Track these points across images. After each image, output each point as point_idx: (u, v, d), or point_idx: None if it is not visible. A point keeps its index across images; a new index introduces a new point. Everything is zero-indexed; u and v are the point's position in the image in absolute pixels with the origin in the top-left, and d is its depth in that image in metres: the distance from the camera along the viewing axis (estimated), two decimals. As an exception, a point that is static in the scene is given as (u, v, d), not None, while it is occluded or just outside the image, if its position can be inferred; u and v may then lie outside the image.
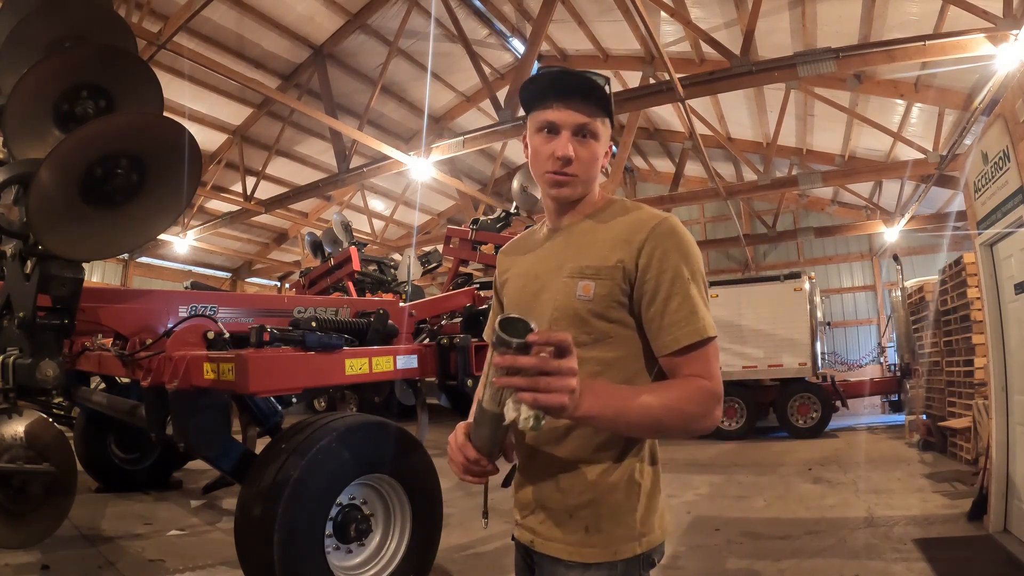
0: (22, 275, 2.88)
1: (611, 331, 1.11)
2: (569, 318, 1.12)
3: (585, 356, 1.07)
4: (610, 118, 1.19)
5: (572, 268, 1.14)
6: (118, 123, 2.80)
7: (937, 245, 12.65)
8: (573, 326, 1.11)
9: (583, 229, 1.20)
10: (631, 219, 1.15)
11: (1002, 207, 3.77)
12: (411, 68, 11.02)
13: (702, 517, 4.82)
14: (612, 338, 1.11)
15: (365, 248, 9.27)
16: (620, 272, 1.10)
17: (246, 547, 2.66)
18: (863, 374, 12.71)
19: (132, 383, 4.28)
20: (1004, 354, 4.01)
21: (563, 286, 1.14)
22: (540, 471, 1.17)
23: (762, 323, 9.55)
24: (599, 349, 1.11)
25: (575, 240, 1.19)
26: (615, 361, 1.11)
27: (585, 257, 1.14)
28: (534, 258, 1.27)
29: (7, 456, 2.97)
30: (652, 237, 1.09)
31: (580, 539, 1.10)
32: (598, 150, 1.17)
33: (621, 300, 1.10)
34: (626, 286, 1.10)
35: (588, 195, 1.22)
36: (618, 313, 1.11)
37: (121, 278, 14.31)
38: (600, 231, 1.16)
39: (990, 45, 5.70)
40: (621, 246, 1.11)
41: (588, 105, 1.14)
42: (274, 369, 2.78)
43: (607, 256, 1.11)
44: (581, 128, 1.14)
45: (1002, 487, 3.92)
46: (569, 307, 1.12)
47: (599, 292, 1.10)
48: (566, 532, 1.11)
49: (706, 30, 7.40)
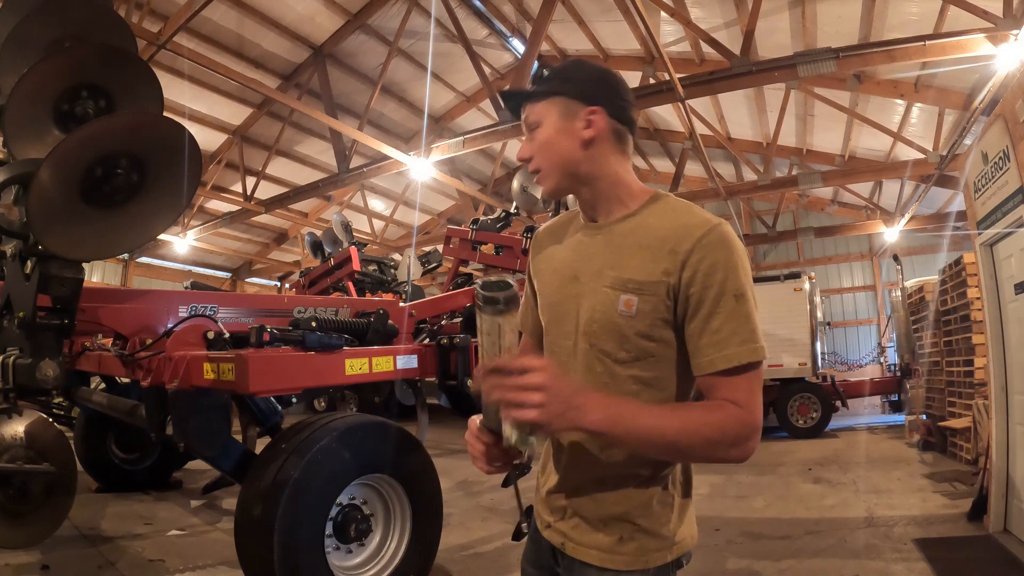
0: (22, 275, 2.88)
1: (653, 350, 1.04)
2: (609, 332, 1.05)
3: (624, 374, 1.05)
4: (562, 92, 1.10)
5: (614, 279, 1.06)
6: (118, 123, 2.80)
7: (937, 245, 12.66)
8: (612, 340, 1.05)
9: (624, 230, 1.09)
10: (678, 224, 1.03)
11: (1002, 207, 3.77)
12: (411, 68, 11.02)
13: (702, 517, 4.78)
14: (653, 357, 1.05)
15: (365, 248, 9.28)
16: (665, 288, 1.01)
17: (246, 547, 2.66)
18: (863, 374, 12.72)
19: (132, 383, 4.28)
20: (1004, 354, 4.00)
21: (604, 297, 1.06)
22: (575, 479, 1.13)
23: (762, 323, 9.32)
24: (639, 368, 1.05)
25: (616, 242, 1.09)
26: (654, 380, 1.06)
27: (627, 267, 1.05)
28: (571, 253, 1.17)
29: (7, 456, 2.97)
30: (699, 248, 0.99)
31: (613, 546, 1.08)
32: (544, 133, 1.10)
33: (666, 317, 1.02)
34: (671, 302, 1.01)
35: (607, 186, 1.11)
36: (661, 331, 1.03)
37: (121, 278, 14.31)
38: (642, 235, 1.06)
39: (990, 45, 5.70)
40: (666, 256, 1.01)
41: (531, 101, 1.13)
42: (274, 369, 2.78)
43: (651, 269, 1.02)
44: (527, 127, 1.13)
45: (1002, 487, 3.92)
46: (610, 321, 1.05)
47: (642, 308, 1.02)
48: (599, 540, 1.09)
49: (706, 30, 7.39)
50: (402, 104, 12.10)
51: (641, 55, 10.59)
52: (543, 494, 1.21)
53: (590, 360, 1.08)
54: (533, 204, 6.62)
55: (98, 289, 3.98)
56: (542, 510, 1.21)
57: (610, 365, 1.06)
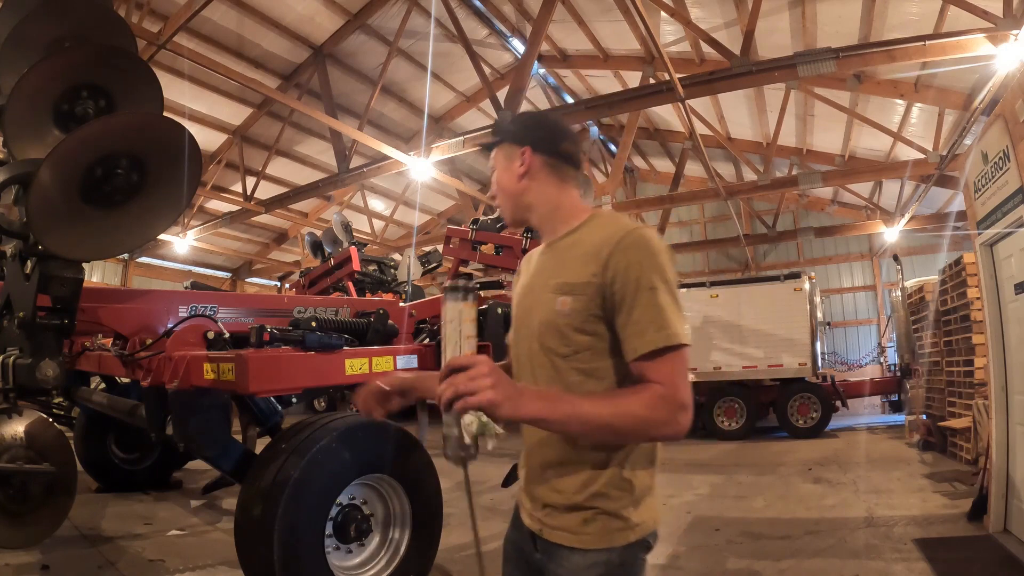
0: (22, 275, 2.88)
1: (588, 343, 1.16)
2: (552, 331, 1.19)
3: (565, 367, 1.18)
4: (503, 140, 1.33)
5: (554, 284, 1.21)
6: (118, 123, 2.80)
7: (937, 245, 12.66)
8: (554, 338, 1.19)
9: (564, 245, 1.26)
10: (604, 233, 1.18)
11: (1002, 207, 3.77)
12: (411, 68, 11.02)
13: (702, 517, 4.82)
14: (590, 350, 1.17)
15: (365, 248, 9.27)
16: (593, 287, 1.14)
17: (246, 547, 2.66)
18: (863, 374, 12.72)
19: (132, 383, 4.28)
20: (1004, 354, 4.00)
21: (547, 301, 1.21)
22: (540, 470, 1.25)
23: (762, 323, 9.55)
24: (579, 360, 1.17)
25: (558, 256, 1.26)
26: (593, 371, 1.17)
27: (564, 273, 1.20)
28: (532, 273, 1.35)
29: (7, 456, 2.97)
30: (618, 250, 1.13)
31: (579, 528, 1.18)
32: (497, 175, 1.33)
33: (596, 314, 1.15)
34: (600, 299, 1.14)
35: (550, 212, 1.30)
36: (594, 326, 1.16)
37: (121, 278, 14.31)
38: (580, 247, 1.21)
39: (990, 45, 5.70)
40: (593, 260, 1.15)
41: (490, 152, 1.36)
42: (274, 369, 2.77)
43: (581, 272, 1.17)
44: (491, 172, 1.37)
45: (1002, 487, 3.92)
46: (551, 321, 1.19)
47: (575, 307, 1.16)
48: (567, 522, 1.20)
49: (706, 30, 7.40)
50: (402, 104, 12.10)
51: (641, 55, 10.59)
52: (523, 484, 1.33)
53: (540, 358, 1.22)
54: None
55: (98, 289, 3.98)
56: (523, 499, 1.32)
57: (554, 359, 1.20)
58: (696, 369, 9.94)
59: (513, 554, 1.37)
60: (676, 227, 16.37)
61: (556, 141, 1.31)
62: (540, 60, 11.69)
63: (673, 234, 15.97)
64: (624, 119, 12.06)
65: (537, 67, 11.85)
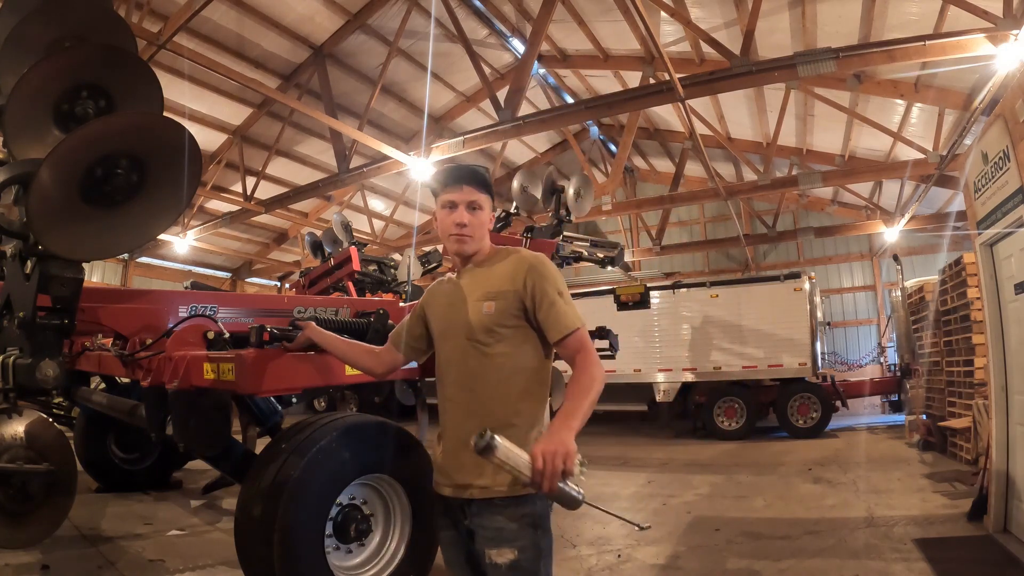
0: (22, 275, 2.87)
1: (507, 334, 1.64)
2: (479, 328, 1.63)
3: (491, 352, 1.62)
4: (491, 195, 1.75)
5: (479, 294, 1.66)
6: (118, 123, 2.79)
7: (937, 245, 12.65)
8: (482, 334, 1.63)
9: (481, 272, 1.73)
10: (514, 260, 1.69)
11: (1002, 207, 3.77)
12: (411, 68, 11.02)
13: (702, 517, 4.82)
14: (508, 338, 1.64)
15: (365, 248, 9.26)
16: (512, 295, 1.63)
17: (246, 547, 2.66)
18: (863, 374, 12.72)
19: (132, 383, 4.28)
20: (1004, 354, 4.00)
21: (473, 307, 1.66)
22: (460, 448, 1.56)
23: (762, 323, 9.55)
24: (500, 346, 1.63)
25: (478, 278, 1.72)
26: (511, 353, 1.63)
27: (486, 287, 1.67)
28: (449, 292, 1.77)
29: (7, 456, 2.97)
30: (530, 272, 1.64)
31: (507, 481, 1.51)
32: (483, 218, 1.73)
33: (515, 313, 1.64)
34: (517, 303, 1.63)
35: (482, 248, 1.75)
36: (512, 321, 1.64)
37: (121, 278, 14.30)
38: (495, 271, 1.70)
39: (990, 45, 5.70)
40: (510, 279, 1.65)
41: (474, 187, 1.70)
42: (274, 369, 2.77)
43: (501, 285, 1.65)
44: (471, 204, 1.70)
45: (1002, 487, 3.92)
46: (479, 321, 1.64)
47: (498, 308, 1.63)
48: (497, 480, 1.53)
49: (706, 30, 7.40)
50: (402, 104, 12.10)
51: (641, 55, 10.59)
52: (440, 466, 1.67)
53: (465, 351, 1.64)
54: (533, 204, 6.61)
55: (98, 289, 3.98)
56: (441, 476, 1.65)
57: (481, 348, 1.63)
58: (696, 369, 9.96)
59: (447, 532, 1.67)
60: (676, 227, 16.37)
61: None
62: (540, 60, 11.68)
63: (673, 234, 15.96)
64: (624, 119, 12.05)
65: (537, 67, 11.84)
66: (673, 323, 10.20)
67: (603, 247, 7.22)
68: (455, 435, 1.62)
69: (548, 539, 1.57)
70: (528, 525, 1.52)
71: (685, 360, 9.99)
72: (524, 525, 1.52)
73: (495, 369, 1.60)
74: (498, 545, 1.51)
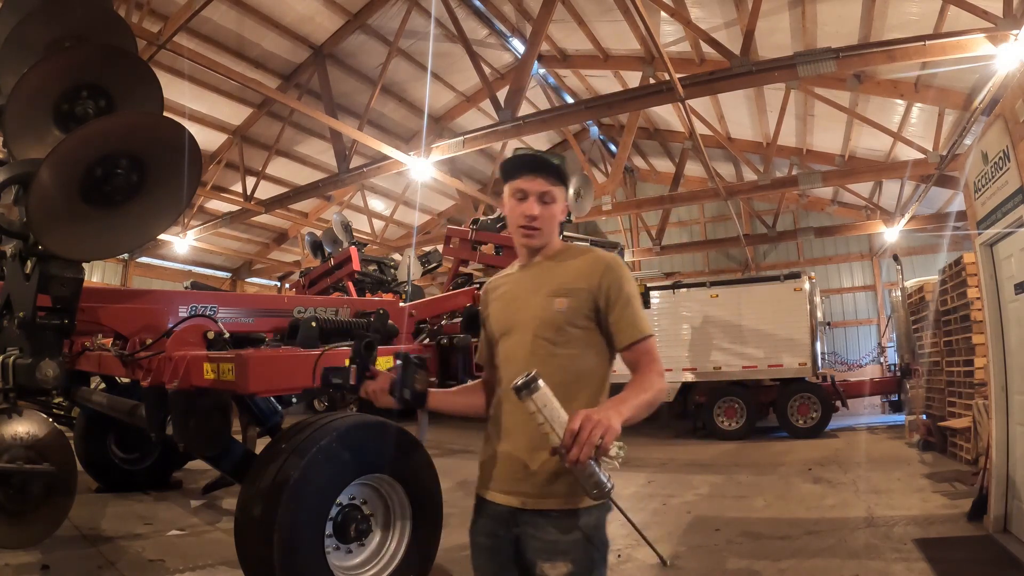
0: (22, 275, 2.88)
1: (576, 335, 1.52)
2: (549, 325, 1.52)
3: (558, 352, 1.50)
4: (566, 187, 1.62)
5: (549, 289, 1.55)
6: (118, 123, 2.80)
7: (937, 245, 12.65)
8: (551, 331, 1.51)
9: (550, 266, 1.61)
10: (589, 258, 1.59)
11: (1002, 207, 3.77)
12: (411, 68, 11.02)
13: (702, 517, 4.82)
14: (577, 340, 1.52)
15: (365, 248, 9.27)
16: (585, 293, 1.52)
17: (246, 547, 2.66)
18: (863, 374, 12.71)
19: (132, 383, 4.28)
20: (1004, 354, 4.00)
21: (543, 302, 1.54)
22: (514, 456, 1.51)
23: (762, 323, 9.55)
24: (568, 348, 1.51)
25: (546, 273, 1.60)
26: (577, 356, 1.52)
27: (558, 282, 1.55)
28: (512, 285, 1.67)
29: (7, 456, 2.96)
30: (607, 271, 1.54)
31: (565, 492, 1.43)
32: (555, 211, 1.59)
33: (586, 313, 1.52)
34: (590, 303, 1.52)
35: (551, 243, 1.63)
36: (583, 322, 1.52)
37: (121, 278, 14.30)
38: (565, 267, 1.59)
39: (990, 45, 5.70)
40: (585, 276, 1.54)
41: (548, 178, 1.56)
42: (274, 369, 2.77)
43: (575, 283, 1.54)
44: (543, 195, 1.56)
45: (1002, 487, 3.92)
46: (549, 318, 1.52)
47: (571, 306, 1.52)
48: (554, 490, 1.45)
49: (706, 30, 7.40)
50: (402, 104, 12.10)
51: (641, 55, 10.59)
52: (489, 470, 1.57)
53: (534, 347, 1.52)
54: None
55: (98, 289, 3.98)
56: (492, 481, 1.56)
57: (549, 347, 1.51)
58: (696, 369, 9.96)
59: (485, 540, 1.58)
60: (676, 227, 16.37)
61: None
62: (540, 60, 11.68)
63: (673, 234, 15.96)
64: (624, 119, 12.05)
65: (537, 67, 11.84)
66: (673, 323, 10.20)
67: (603, 247, 7.21)
68: (511, 438, 1.52)
69: (603, 549, 1.49)
70: (583, 538, 1.44)
71: (685, 360, 9.99)
72: (579, 538, 1.44)
73: (559, 370, 1.46)
74: (552, 558, 1.43)
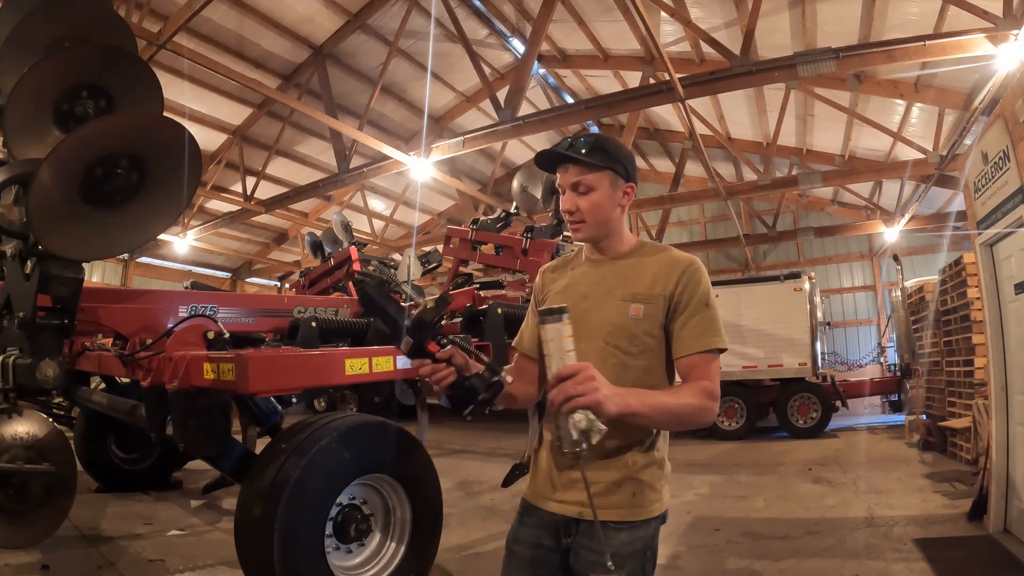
0: (22, 275, 2.88)
1: (651, 345, 1.42)
2: (623, 333, 1.41)
3: (631, 364, 1.40)
4: (612, 168, 1.44)
5: (624, 294, 1.44)
6: (118, 123, 2.80)
7: (937, 245, 12.65)
8: (625, 339, 1.41)
9: (626, 264, 1.49)
10: (665, 259, 1.46)
11: (1002, 207, 3.77)
12: (411, 68, 11.02)
13: (702, 517, 4.82)
14: (652, 350, 1.42)
15: (365, 248, 9.27)
16: (663, 299, 1.40)
17: (246, 547, 2.66)
18: (863, 374, 12.70)
19: (132, 383, 4.28)
20: (1004, 354, 4.00)
21: (617, 307, 1.43)
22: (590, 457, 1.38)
23: (762, 323, 9.54)
24: (642, 359, 1.41)
25: (621, 272, 1.48)
26: (651, 368, 1.42)
27: (634, 286, 1.44)
28: (578, 280, 1.54)
29: (7, 456, 2.97)
30: (685, 272, 1.42)
31: (627, 502, 1.40)
32: (597, 198, 1.44)
33: (662, 322, 1.41)
34: (667, 310, 1.41)
35: (617, 235, 1.51)
36: (658, 332, 1.41)
37: (121, 278, 14.30)
38: (642, 266, 1.46)
39: (990, 45, 5.70)
40: (662, 280, 1.42)
41: (577, 166, 1.43)
42: (274, 369, 2.77)
43: (652, 286, 1.42)
44: (575, 185, 1.45)
45: (1002, 487, 3.92)
46: (623, 325, 1.41)
47: (648, 313, 1.41)
48: (616, 500, 1.39)
49: (706, 30, 7.40)
50: (402, 104, 12.10)
51: (641, 55, 10.59)
52: (546, 476, 1.48)
53: (604, 355, 1.40)
54: (533, 204, 6.61)
55: (98, 289, 3.98)
56: (546, 488, 1.47)
57: (622, 357, 1.41)
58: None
59: (526, 551, 1.48)
60: (676, 227, 16.37)
61: (636, 180, 1.53)
62: (540, 60, 11.68)
63: (673, 234, 15.97)
64: (624, 119, 12.06)
65: (537, 67, 11.84)
66: (673, 323, 10.19)
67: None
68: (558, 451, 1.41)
69: (654, 561, 1.46)
70: (640, 550, 1.40)
71: (685, 360, 9.98)
72: (636, 550, 1.40)
73: (631, 383, 1.34)
74: (606, 571, 1.37)
